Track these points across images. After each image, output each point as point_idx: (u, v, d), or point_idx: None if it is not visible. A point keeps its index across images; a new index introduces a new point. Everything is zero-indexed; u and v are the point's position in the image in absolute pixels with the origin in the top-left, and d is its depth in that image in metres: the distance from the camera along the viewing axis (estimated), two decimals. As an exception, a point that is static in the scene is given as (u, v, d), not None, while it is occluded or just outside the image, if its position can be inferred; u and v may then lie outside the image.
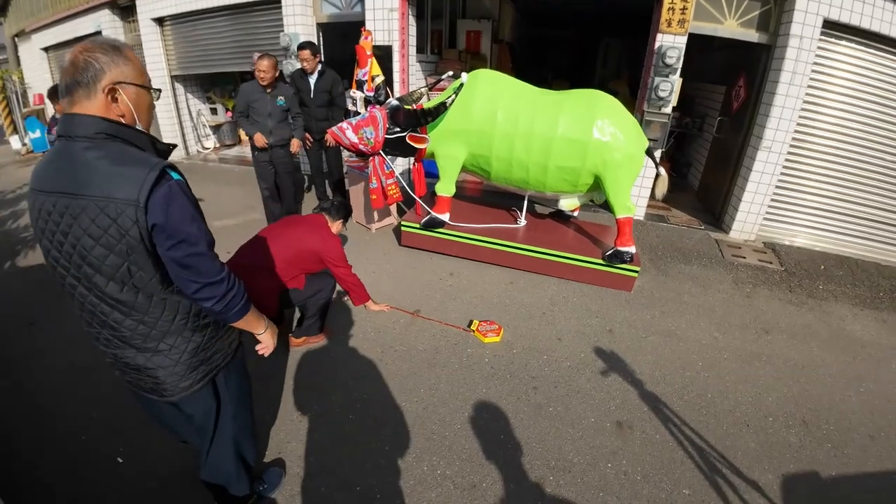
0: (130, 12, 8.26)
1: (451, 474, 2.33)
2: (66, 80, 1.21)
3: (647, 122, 5.05)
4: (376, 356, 3.11)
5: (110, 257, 1.25)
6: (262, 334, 1.63)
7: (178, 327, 1.44)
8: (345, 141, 3.91)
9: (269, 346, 1.69)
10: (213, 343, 1.56)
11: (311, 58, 4.71)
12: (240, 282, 1.44)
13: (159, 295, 1.36)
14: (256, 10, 6.93)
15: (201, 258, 1.30)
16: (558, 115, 3.72)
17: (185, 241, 1.26)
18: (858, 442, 2.72)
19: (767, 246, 5.31)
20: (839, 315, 4.10)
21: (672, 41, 4.87)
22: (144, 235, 1.24)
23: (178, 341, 1.45)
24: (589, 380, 3.02)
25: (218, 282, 1.34)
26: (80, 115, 1.22)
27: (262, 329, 1.62)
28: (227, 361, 1.65)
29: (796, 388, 3.11)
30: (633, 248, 3.95)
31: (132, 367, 1.46)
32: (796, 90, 4.75)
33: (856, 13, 4.51)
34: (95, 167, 1.20)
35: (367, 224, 5.14)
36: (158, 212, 1.21)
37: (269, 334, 1.66)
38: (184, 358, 1.48)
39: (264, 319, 1.63)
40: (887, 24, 4.52)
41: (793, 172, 5.23)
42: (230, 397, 1.71)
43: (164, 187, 1.22)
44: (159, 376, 1.47)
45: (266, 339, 1.66)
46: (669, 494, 2.30)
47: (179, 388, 1.52)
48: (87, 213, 1.21)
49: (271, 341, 1.69)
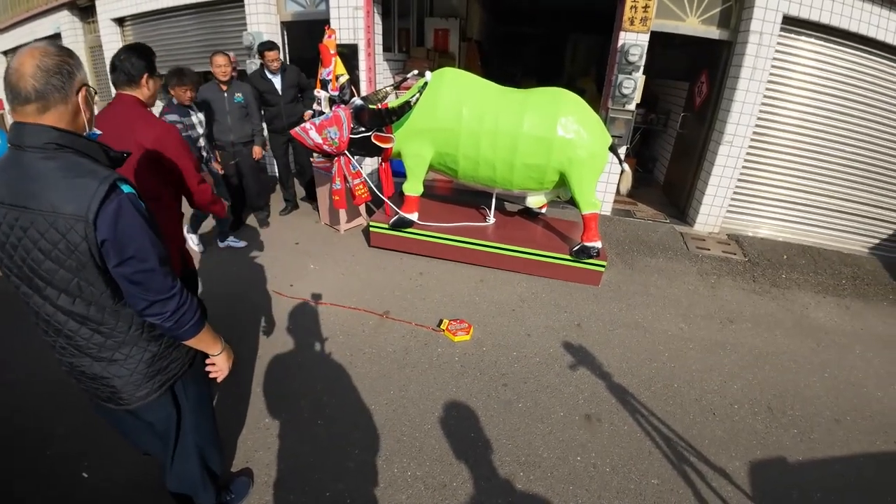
0: (90, 13, 8.03)
1: (422, 475, 2.32)
2: (36, 86, 1.15)
3: (611, 119, 5.13)
4: (345, 359, 3.08)
5: (60, 272, 1.23)
6: (217, 356, 1.60)
7: (134, 337, 1.41)
8: (308, 142, 3.85)
9: (223, 370, 1.64)
10: (170, 352, 1.53)
11: (277, 58, 4.77)
12: (193, 298, 1.41)
13: (112, 307, 1.34)
14: (219, 9, 6.77)
15: (151, 274, 1.27)
16: (523, 112, 3.74)
17: (135, 258, 1.24)
18: (824, 426, 2.82)
19: (731, 237, 5.46)
20: (802, 303, 4.24)
21: (635, 39, 4.96)
22: (94, 251, 1.21)
23: (133, 351, 1.43)
24: (558, 374, 3.05)
25: (168, 298, 1.31)
26: (31, 125, 1.18)
27: (217, 350, 1.58)
28: (184, 370, 1.61)
29: (761, 376, 3.20)
30: (599, 243, 4.01)
31: (88, 375, 1.44)
32: (756, 85, 4.89)
33: (815, 8, 4.65)
34: (45, 179, 1.16)
35: (335, 225, 5.07)
36: (107, 227, 1.19)
37: (223, 357, 1.62)
38: (140, 367, 1.45)
39: (221, 340, 1.60)
40: (846, 18, 4.67)
41: (755, 165, 5.39)
42: (189, 406, 1.68)
43: (114, 202, 1.19)
44: (116, 385, 1.45)
45: (220, 362, 1.61)
46: (638, 485, 2.34)
47: (136, 396, 1.48)
48: (36, 226, 1.18)
49: (226, 365, 1.64)
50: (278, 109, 4.94)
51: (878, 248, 5.63)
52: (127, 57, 2.07)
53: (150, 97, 2.18)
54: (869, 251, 5.62)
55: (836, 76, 5.01)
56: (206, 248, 4.52)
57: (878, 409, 3.01)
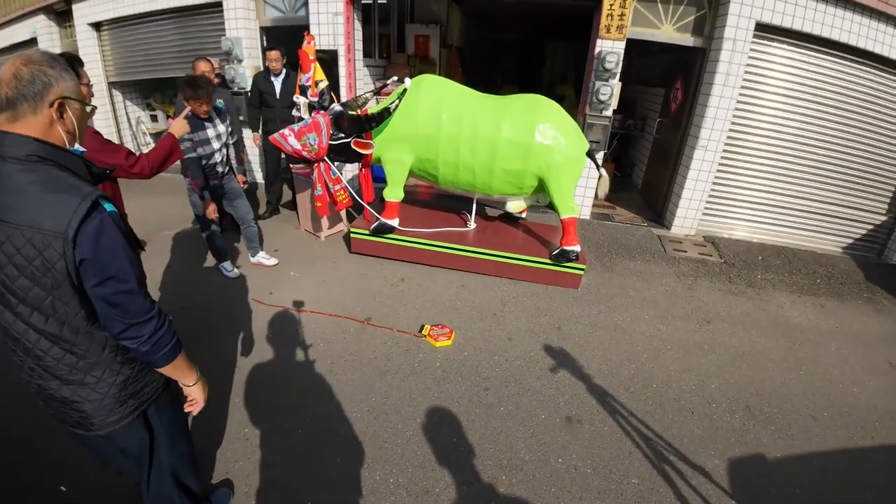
0: (67, 17, 7.87)
1: (405, 482, 2.31)
2: (8, 94, 1.13)
3: (589, 125, 5.21)
4: (326, 367, 3.05)
5: (34, 289, 1.19)
6: (192, 387, 1.55)
7: (107, 359, 1.37)
8: (287, 148, 3.83)
9: (199, 403, 1.60)
10: (143, 375, 1.49)
11: (279, 58, 4.86)
12: (170, 323, 1.38)
13: (85, 329, 1.30)
14: (198, 14, 6.69)
15: (130, 296, 1.25)
16: (502, 118, 3.78)
17: (114, 278, 1.21)
18: (801, 423, 2.89)
19: (707, 240, 5.58)
20: (778, 302, 4.34)
21: (611, 46, 5.05)
22: (71, 270, 1.18)
23: (105, 374, 1.38)
24: (539, 377, 3.07)
25: (146, 321, 1.29)
26: (13, 135, 1.15)
27: (192, 380, 1.54)
28: (158, 394, 1.56)
29: (738, 375, 3.27)
30: (578, 247, 4.06)
31: (57, 399, 1.38)
32: (730, 91, 5.02)
33: (787, 15, 4.80)
34: (25, 192, 1.13)
35: (315, 232, 5.04)
36: (87, 246, 1.16)
37: (199, 388, 1.58)
38: (112, 391, 1.40)
39: (196, 370, 1.55)
40: (818, 24, 4.82)
41: (729, 169, 5.53)
42: (164, 430, 1.64)
43: (96, 220, 1.17)
44: (86, 410, 1.39)
45: (195, 393, 1.57)
46: (619, 485, 2.37)
47: (108, 422, 1.44)
48: (12, 241, 1.14)
49: (201, 396, 1.60)
50: (275, 112, 5.00)
51: (851, 247, 5.81)
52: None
53: None
54: (842, 251, 5.80)
55: (809, 81, 5.17)
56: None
57: (854, 404, 3.10)
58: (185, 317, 3.51)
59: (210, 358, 3.08)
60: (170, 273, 4.17)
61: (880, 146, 5.41)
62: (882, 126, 5.33)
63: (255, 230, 4.18)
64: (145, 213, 5.59)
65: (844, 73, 5.13)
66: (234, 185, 3.96)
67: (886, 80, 5.16)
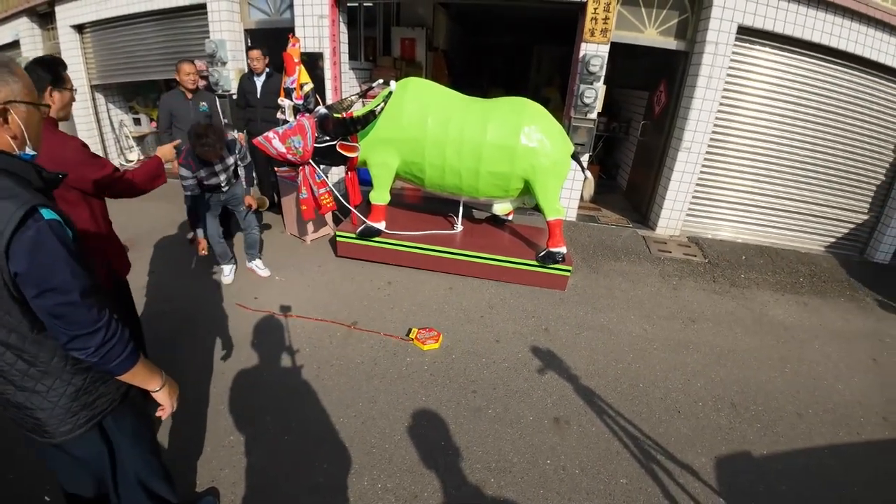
0: (49, 19, 7.76)
1: (393, 486, 2.29)
2: None
3: (574, 128, 5.25)
4: (312, 372, 3.02)
5: None
6: (158, 392, 1.49)
7: (57, 368, 1.31)
8: (271, 151, 3.80)
9: (167, 407, 1.54)
10: (97, 387, 1.42)
11: (260, 58, 4.82)
12: (123, 331, 1.32)
13: (32, 337, 1.25)
14: (181, 17, 6.62)
15: (73, 308, 1.19)
16: (487, 121, 3.79)
17: (55, 290, 1.15)
18: (787, 420, 2.92)
19: (691, 240, 5.64)
20: (761, 301, 4.40)
21: (595, 50, 5.10)
22: (8, 281, 1.13)
23: (56, 384, 1.32)
24: (526, 379, 3.07)
25: (92, 332, 1.23)
26: None
27: (156, 385, 1.48)
28: (113, 406, 1.49)
29: (723, 373, 3.30)
30: (564, 249, 4.07)
31: (13, 404, 1.34)
32: (713, 93, 5.09)
33: (769, 18, 4.88)
34: None
35: (301, 236, 5.00)
36: (21, 259, 1.10)
37: (165, 393, 1.51)
38: (62, 402, 1.35)
39: (160, 375, 1.49)
40: (799, 27, 4.91)
41: (713, 170, 5.60)
42: (125, 443, 1.57)
43: (31, 230, 1.11)
44: (40, 418, 1.35)
45: (161, 399, 1.51)
46: (607, 485, 2.37)
47: (60, 431, 1.39)
48: None
49: (168, 401, 1.53)
50: (255, 112, 4.99)
51: (833, 246, 5.92)
52: (32, 70, 1.94)
53: (58, 110, 2.04)
54: (825, 250, 5.91)
55: (790, 82, 5.26)
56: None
57: (839, 401, 3.15)
58: (167, 321, 3.46)
59: (193, 364, 3.03)
60: (153, 277, 4.10)
61: (861, 146, 5.52)
62: (863, 126, 5.45)
63: (256, 237, 4.14)
64: (130, 216, 5.50)
65: (825, 74, 5.23)
66: (238, 190, 3.90)
67: (866, 80, 5.27)
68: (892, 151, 5.57)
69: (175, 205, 5.59)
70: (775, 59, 5.19)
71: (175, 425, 2.58)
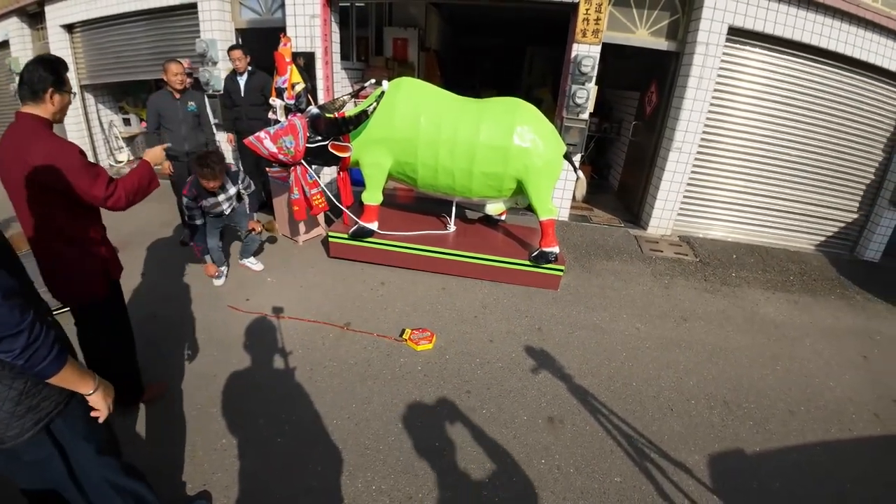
0: (39, 19, 7.68)
1: (387, 488, 2.28)
2: None
3: (566, 128, 5.27)
4: (305, 374, 3.00)
5: None
6: (92, 395, 1.45)
7: None
8: (263, 151, 3.76)
9: (102, 411, 1.50)
10: (40, 390, 1.40)
11: (242, 57, 4.86)
12: (48, 333, 1.28)
13: None
14: (172, 16, 6.58)
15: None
16: (480, 122, 3.79)
17: None
18: (779, 417, 2.94)
19: (683, 239, 5.68)
20: (752, 299, 4.43)
21: (587, 50, 5.12)
22: None
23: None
24: (520, 379, 3.07)
25: (15, 334, 1.20)
26: None
27: (88, 388, 1.43)
28: (60, 408, 1.46)
29: (716, 371, 3.32)
30: (557, 248, 4.08)
31: None
32: (703, 94, 5.13)
33: (759, 19, 4.92)
34: None
35: (293, 237, 4.97)
36: None
37: (99, 396, 1.46)
38: (6, 406, 1.33)
39: (91, 377, 1.44)
40: (789, 27, 4.96)
41: (703, 170, 5.64)
42: (79, 445, 1.55)
43: None
44: None
45: (95, 401, 1.46)
46: (602, 484, 2.38)
47: (8, 436, 1.36)
48: None
49: (103, 404, 1.48)
50: (240, 111, 5.03)
51: (823, 245, 5.98)
52: (34, 69, 1.91)
53: (55, 113, 2.01)
54: (815, 248, 5.97)
55: (780, 83, 5.31)
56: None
57: (831, 398, 3.17)
58: (158, 324, 3.42)
59: (184, 366, 3.00)
60: (145, 279, 4.05)
61: (851, 146, 5.59)
62: (852, 126, 5.51)
63: (256, 240, 4.21)
64: (122, 218, 5.43)
65: (815, 75, 5.29)
66: (240, 212, 3.99)
67: (855, 81, 5.34)
68: (882, 151, 5.65)
69: (165, 205, 5.55)
70: (765, 60, 5.23)
71: (166, 429, 2.55)
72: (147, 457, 2.32)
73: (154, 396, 2.72)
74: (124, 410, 2.56)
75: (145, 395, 2.68)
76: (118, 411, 2.42)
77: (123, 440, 2.37)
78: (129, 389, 2.56)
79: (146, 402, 2.67)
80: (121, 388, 2.43)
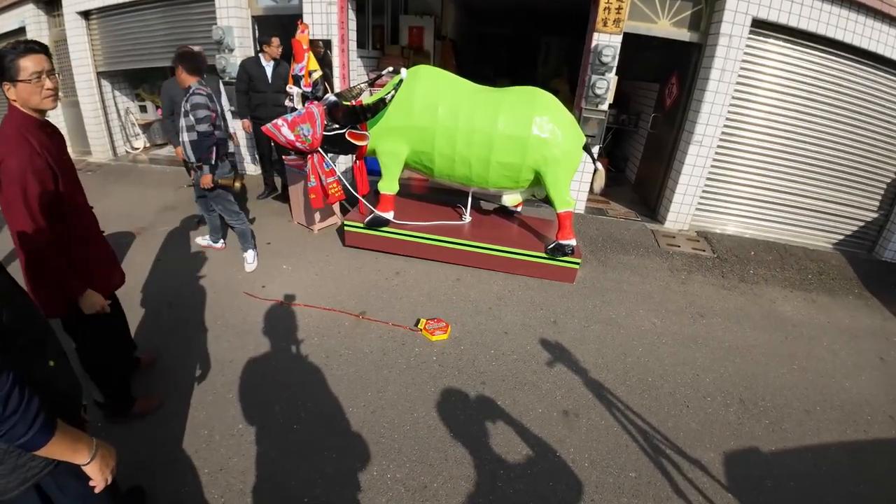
0: (55, 6, 7.70)
1: (402, 477, 2.30)
2: None
3: (584, 119, 5.19)
4: (320, 362, 3.02)
5: None
6: (88, 465, 1.28)
7: None
8: (280, 138, 3.76)
9: (99, 483, 1.33)
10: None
11: (279, 45, 5.03)
12: (28, 405, 1.09)
13: None
14: (188, 3, 6.57)
15: None
16: (498, 111, 3.74)
17: None
18: (795, 417, 2.91)
19: (700, 235, 5.60)
20: (770, 297, 4.37)
21: (608, 40, 5.03)
22: None
23: None
24: (535, 372, 3.06)
25: None
26: None
27: (84, 458, 1.26)
28: (50, 467, 1.31)
29: (732, 368, 3.29)
30: (573, 241, 4.05)
31: None
32: (725, 87, 5.02)
33: (784, 12, 4.79)
34: None
35: (308, 225, 4.98)
36: None
37: (96, 466, 1.29)
38: None
39: (86, 446, 1.27)
40: (813, 21, 4.82)
41: (723, 165, 5.53)
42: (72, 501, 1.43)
43: None
44: None
45: (93, 472, 1.30)
46: (616, 478, 2.37)
47: None
48: None
49: (100, 476, 1.32)
50: (265, 97, 5.08)
51: (842, 243, 5.86)
52: None
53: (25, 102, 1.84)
54: (833, 247, 5.85)
55: (802, 77, 5.17)
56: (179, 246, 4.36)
57: (847, 398, 3.13)
58: (174, 310, 3.46)
59: (200, 352, 3.04)
60: (159, 267, 4.09)
61: (873, 144, 5.45)
62: (875, 124, 5.37)
63: (241, 229, 4.04)
64: (136, 205, 5.51)
65: (839, 70, 5.14)
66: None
67: (881, 77, 5.19)
68: (904, 149, 5.50)
69: (178, 192, 5.60)
70: (788, 54, 5.10)
71: (183, 413, 2.58)
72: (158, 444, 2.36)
73: (144, 411, 2.55)
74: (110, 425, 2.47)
75: (134, 408, 2.53)
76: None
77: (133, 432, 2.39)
78: (115, 401, 2.47)
79: (135, 416, 2.52)
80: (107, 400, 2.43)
